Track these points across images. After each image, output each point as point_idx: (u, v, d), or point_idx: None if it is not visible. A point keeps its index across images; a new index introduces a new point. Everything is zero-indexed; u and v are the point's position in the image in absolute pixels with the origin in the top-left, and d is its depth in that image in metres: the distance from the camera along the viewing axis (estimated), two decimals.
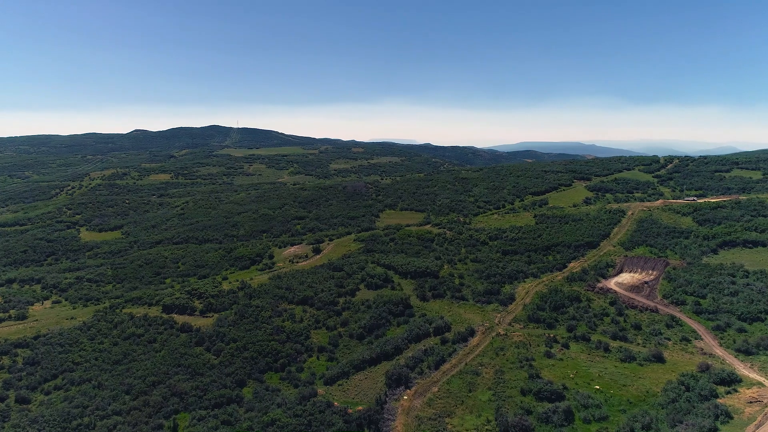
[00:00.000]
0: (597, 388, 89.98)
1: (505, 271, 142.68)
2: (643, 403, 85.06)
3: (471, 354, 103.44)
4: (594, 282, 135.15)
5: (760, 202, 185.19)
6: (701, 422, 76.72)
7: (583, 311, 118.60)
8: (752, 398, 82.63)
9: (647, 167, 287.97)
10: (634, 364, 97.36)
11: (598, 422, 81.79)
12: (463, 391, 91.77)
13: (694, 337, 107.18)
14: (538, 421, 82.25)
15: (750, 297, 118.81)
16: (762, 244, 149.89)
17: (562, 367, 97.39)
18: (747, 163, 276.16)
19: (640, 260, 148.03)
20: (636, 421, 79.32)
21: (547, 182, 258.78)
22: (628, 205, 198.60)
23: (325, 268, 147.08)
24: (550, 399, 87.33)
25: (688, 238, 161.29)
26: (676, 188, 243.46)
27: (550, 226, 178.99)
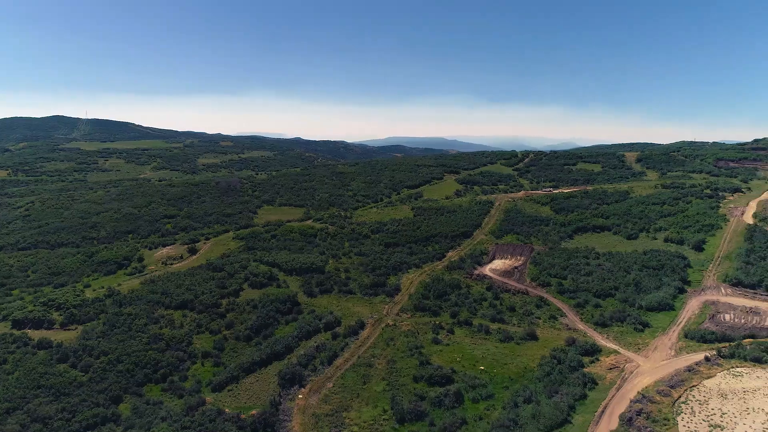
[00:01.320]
0: (482, 369, 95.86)
1: (389, 263, 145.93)
2: (523, 379, 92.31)
3: (363, 347, 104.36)
4: (471, 269, 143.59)
5: (603, 192, 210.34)
6: (573, 391, 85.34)
7: (464, 297, 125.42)
8: (612, 365, 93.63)
9: (508, 161, 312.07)
10: (512, 343, 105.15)
11: (485, 401, 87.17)
12: (358, 384, 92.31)
13: (559, 315, 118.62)
14: (431, 406, 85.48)
15: (602, 276, 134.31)
16: (608, 228, 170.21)
17: (450, 352, 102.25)
18: (589, 158, 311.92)
19: (510, 247, 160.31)
20: (519, 396, 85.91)
21: (420, 176, 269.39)
22: (495, 197, 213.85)
23: (203, 268, 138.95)
24: (440, 383, 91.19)
25: (548, 225, 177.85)
26: (534, 180, 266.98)
27: (427, 218, 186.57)
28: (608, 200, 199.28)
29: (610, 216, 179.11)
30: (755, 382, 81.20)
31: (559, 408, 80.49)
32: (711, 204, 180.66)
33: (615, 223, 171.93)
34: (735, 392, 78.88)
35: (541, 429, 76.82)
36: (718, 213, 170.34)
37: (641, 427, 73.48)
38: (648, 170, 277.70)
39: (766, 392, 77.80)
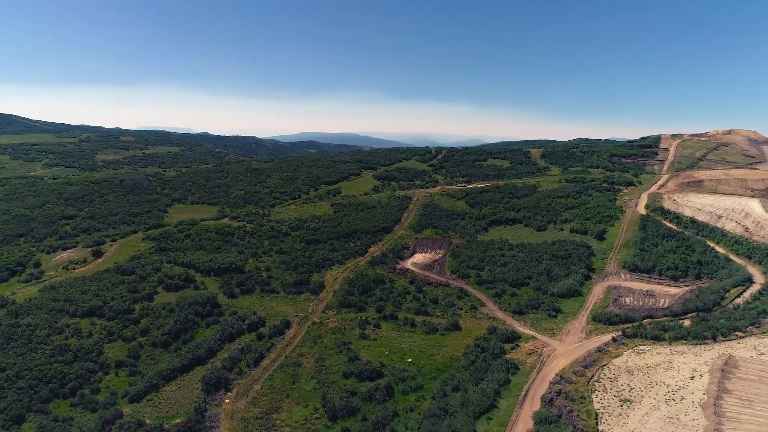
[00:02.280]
0: (410, 361, 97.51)
1: (311, 260, 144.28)
2: (449, 368, 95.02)
3: (290, 346, 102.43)
4: (394, 264, 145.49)
5: (513, 186, 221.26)
6: (498, 377, 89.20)
7: (388, 292, 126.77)
8: (531, 350, 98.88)
9: (422, 157, 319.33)
10: (437, 335, 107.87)
11: (415, 392, 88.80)
12: (287, 384, 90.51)
13: (480, 305, 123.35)
14: (363, 401, 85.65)
15: (516, 266, 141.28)
16: (519, 221, 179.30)
17: (378, 346, 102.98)
18: (498, 154, 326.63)
19: (429, 241, 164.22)
20: (447, 385, 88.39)
21: (338, 172, 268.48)
22: (413, 192, 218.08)
23: (112, 272, 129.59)
24: (371, 378, 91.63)
25: (464, 219, 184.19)
26: (448, 176, 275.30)
27: (347, 214, 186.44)
28: (518, 194, 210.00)
29: (521, 209, 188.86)
30: (656, 358, 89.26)
31: (485, 394, 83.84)
32: (609, 197, 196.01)
33: (525, 216, 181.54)
34: (640, 368, 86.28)
35: (470, 415, 79.53)
36: (615, 205, 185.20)
37: (561, 406, 78.30)
38: (551, 166, 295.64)
39: (665, 367, 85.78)
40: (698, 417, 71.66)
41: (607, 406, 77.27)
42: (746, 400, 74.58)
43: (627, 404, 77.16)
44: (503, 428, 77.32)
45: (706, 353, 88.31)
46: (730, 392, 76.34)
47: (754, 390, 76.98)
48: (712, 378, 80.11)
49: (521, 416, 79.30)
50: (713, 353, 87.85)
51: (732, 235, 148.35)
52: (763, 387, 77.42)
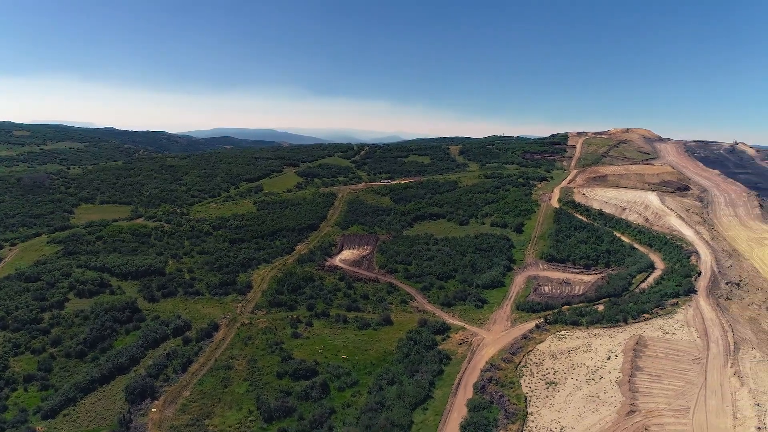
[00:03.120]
0: (344, 358, 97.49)
1: (236, 260, 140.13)
2: (384, 362, 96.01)
3: (219, 349, 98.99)
4: (322, 261, 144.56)
5: (436, 182, 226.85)
6: (431, 368, 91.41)
7: (318, 289, 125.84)
8: (461, 340, 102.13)
9: (345, 153, 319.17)
10: (369, 330, 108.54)
11: (351, 388, 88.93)
12: (218, 388, 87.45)
13: (409, 299, 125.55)
14: (298, 400, 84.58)
15: (442, 260, 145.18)
16: (442, 216, 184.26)
17: (311, 345, 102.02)
18: (419, 150, 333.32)
19: (356, 237, 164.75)
20: (382, 379, 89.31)
21: (259, 169, 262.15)
22: (338, 189, 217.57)
23: (13, 279, 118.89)
24: (305, 376, 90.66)
25: (389, 215, 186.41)
26: (371, 172, 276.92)
27: (272, 212, 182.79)
28: (440, 190, 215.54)
29: (444, 204, 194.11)
30: (576, 341, 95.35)
31: (420, 385, 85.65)
32: (525, 191, 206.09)
33: (448, 211, 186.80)
34: (562, 352, 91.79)
35: (406, 407, 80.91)
36: (531, 199, 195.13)
37: (493, 392, 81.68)
38: (470, 162, 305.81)
39: (585, 349, 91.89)
40: (615, 394, 77.54)
41: (535, 389, 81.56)
42: (656, 376, 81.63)
43: (552, 386, 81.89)
44: (439, 417, 79.43)
45: (620, 335, 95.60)
46: (641, 369, 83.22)
47: (661, 366, 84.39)
48: (626, 357, 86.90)
49: (455, 404, 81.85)
50: (625, 335, 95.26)
51: (635, 226, 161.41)
52: (669, 363, 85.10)
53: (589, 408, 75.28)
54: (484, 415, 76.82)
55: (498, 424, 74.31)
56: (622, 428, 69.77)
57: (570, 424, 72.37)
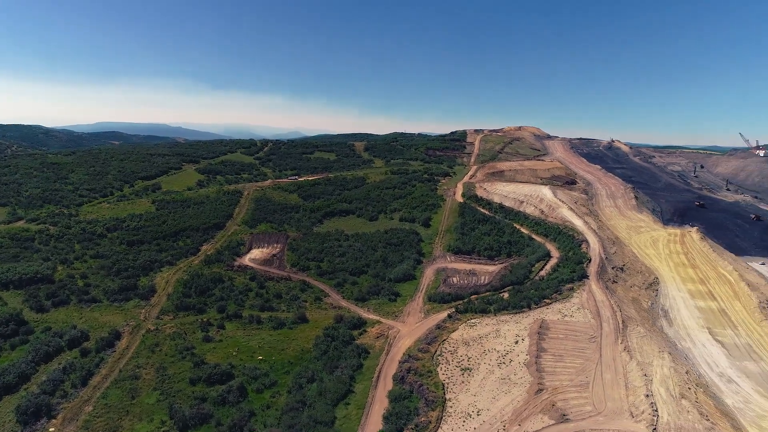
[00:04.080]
0: (261, 359, 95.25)
1: (136, 263, 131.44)
2: (302, 361, 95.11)
3: (123, 359, 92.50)
4: (231, 261, 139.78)
5: (344, 178, 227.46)
6: (351, 363, 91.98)
7: (228, 290, 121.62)
8: (378, 334, 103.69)
9: (248, 150, 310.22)
10: (285, 329, 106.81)
11: (269, 389, 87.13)
12: (125, 400, 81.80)
13: (323, 296, 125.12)
14: (215, 406, 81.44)
15: (354, 256, 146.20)
16: (352, 212, 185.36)
17: (224, 348, 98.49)
18: (324, 147, 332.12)
19: (265, 236, 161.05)
20: (302, 378, 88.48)
21: (156, 166, 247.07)
22: (243, 186, 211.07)
23: None
24: (221, 381, 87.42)
25: (298, 212, 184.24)
26: (276, 168, 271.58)
27: (173, 211, 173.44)
28: (349, 186, 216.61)
29: (353, 200, 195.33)
30: (485, 328, 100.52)
31: (341, 381, 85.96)
32: (431, 187, 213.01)
33: (358, 207, 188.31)
34: (474, 339, 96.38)
35: (328, 403, 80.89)
36: (437, 194, 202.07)
37: (412, 382, 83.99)
38: (375, 158, 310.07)
39: (495, 335, 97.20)
40: (524, 375, 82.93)
41: (451, 376, 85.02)
42: (558, 356, 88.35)
43: (467, 372, 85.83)
44: (361, 410, 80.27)
45: (525, 320, 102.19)
46: (546, 351, 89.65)
47: (562, 346, 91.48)
48: (531, 340, 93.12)
49: (377, 397, 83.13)
50: (530, 319, 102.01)
51: (532, 218, 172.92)
52: (569, 343, 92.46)
53: (502, 390, 79.87)
54: (405, 405, 78.80)
55: (419, 412, 76.60)
56: (532, 406, 74.84)
57: (485, 406, 76.36)
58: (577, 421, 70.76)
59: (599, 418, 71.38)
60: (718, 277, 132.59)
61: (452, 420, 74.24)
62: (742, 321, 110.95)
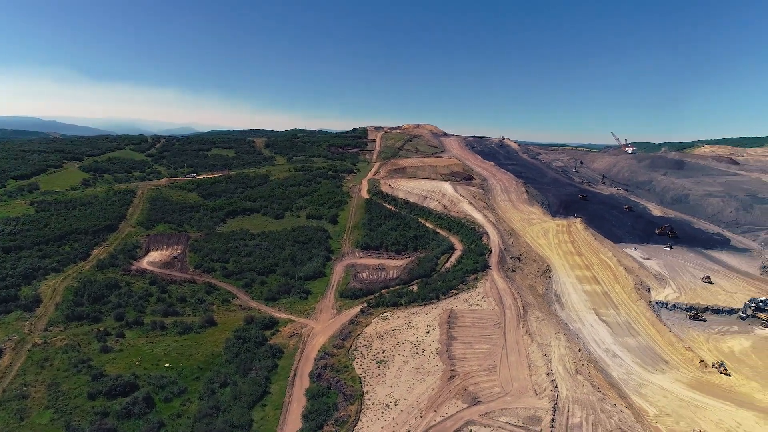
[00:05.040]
0: (167, 366, 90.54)
1: (16, 271, 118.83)
2: (213, 365, 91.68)
3: (6, 378, 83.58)
4: (127, 265, 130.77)
5: (246, 176, 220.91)
6: (265, 363, 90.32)
7: (126, 297, 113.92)
8: (291, 333, 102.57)
9: (138, 146, 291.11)
10: (192, 334, 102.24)
11: (179, 397, 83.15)
12: (11, 423, 74.06)
13: (231, 297, 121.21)
14: (119, 420, 76.34)
15: (262, 255, 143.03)
16: (257, 210, 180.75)
17: (125, 357, 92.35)
18: (222, 143, 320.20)
19: (164, 237, 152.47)
20: (213, 383, 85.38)
21: (32, 164, 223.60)
22: (136, 185, 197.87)
23: None
24: (124, 393, 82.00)
25: (199, 211, 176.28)
26: (171, 166, 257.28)
27: (56, 214, 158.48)
28: (252, 184, 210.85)
29: (257, 199, 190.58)
30: (398, 321, 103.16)
31: (256, 382, 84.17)
32: (336, 184, 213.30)
33: (262, 205, 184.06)
34: (387, 332, 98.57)
35: (244, 406, 78.92)
36: (342, 191, 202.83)
37: (329, 378, 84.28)
38: (276, 155, 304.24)
39: (407, 327, 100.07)
40: (437, 363, 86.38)
41: (368, 370, 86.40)
42: (467, 343, 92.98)
43: (383, 364, 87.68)
44: (279, 411, 79.22)
45: (434, 311, 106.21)
46: (455, 339, 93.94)
47: (470, 334, 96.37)
48: (442, 330, 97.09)
49: (294, 396, 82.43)
50: (439, 310, 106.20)
51: (436, 212, 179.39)
52: (476, 330, 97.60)
53: (417, 379, 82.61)
54: (323, 402, 78.95)
55: (338, 408, 77.14)
56: (446, 392, 78.28)
57: (402, 396, 78.62)
58: (487, 403, 75.12)
59: (507, 398, 76.33)
60: (601, 263, 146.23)
61: (371, 412, 75.59)
62: (621, 301, 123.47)
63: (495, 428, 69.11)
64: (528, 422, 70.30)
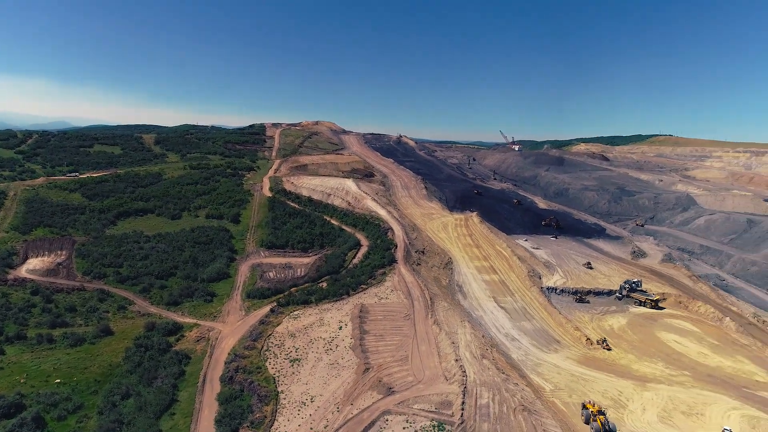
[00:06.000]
0: (59, 382, 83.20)
1: None
2: (112, 377, 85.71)
3: None
4: (2, 275, 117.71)
5: (136, 174, 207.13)
6: (171, 371, 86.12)
7: (4, 309, 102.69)
8: (197, 337, 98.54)
9: (6, 142, 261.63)
10: (86, 345, 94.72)
11: (74, 414, 76.90)
12: None
13: (128, 304, 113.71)
14: None
15: (159, 258, 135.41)
16: (150, 211, 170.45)
17: (7, 376, 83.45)
18: (106, 139, 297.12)
19: (45, 242, 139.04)
20: (114, 395, 79.91)
21: None
22: (7, 185, 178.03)
23: None
24: (8, 415, 74.23)
25: (84, 213, 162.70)
26: (47, 164, 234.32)
27: None
28: (143, 183, 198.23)
29: (150, 198, 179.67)
30: (310, 318, 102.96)
31: (163, 391, 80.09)
32: (236, 182, 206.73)
33: (157, 205, 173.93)
34: (299, 330, 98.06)
35: (151, 417, 74.85)
36: (243, 189, 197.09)
37: (241, 380, 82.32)
38: (168, 152, 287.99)
39: (319, 324, 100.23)
40: (351, 357, 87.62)
41: (281, 369, 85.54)
42: (379, 335, 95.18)
43: (297, 363, 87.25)
44: (189, 418, 76.03)
45: (345, 306, 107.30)
46: (368, 332, 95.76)
47: (382, 326, 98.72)
48: (354, 324, 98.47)
49: (205, 402, 79.52)
50: (350, 305, 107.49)
51: (341, 209, 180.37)
52: (388, 323, 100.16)
53: (332, 374, 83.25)
54: (237, 405, 77.02)
55: (253, 409, 75.68)
56: (362, 385, 79.75)
57: (318, 392, 78.90)
58: (402, 392, 77.66)
59: (420, 386, 79.40)
60: (497, 253, 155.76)
61: (287, 411, 75.08)
62: (517, 289, 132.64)
63: (410, 416, 71.70)
64: (440, 407, 73.73)
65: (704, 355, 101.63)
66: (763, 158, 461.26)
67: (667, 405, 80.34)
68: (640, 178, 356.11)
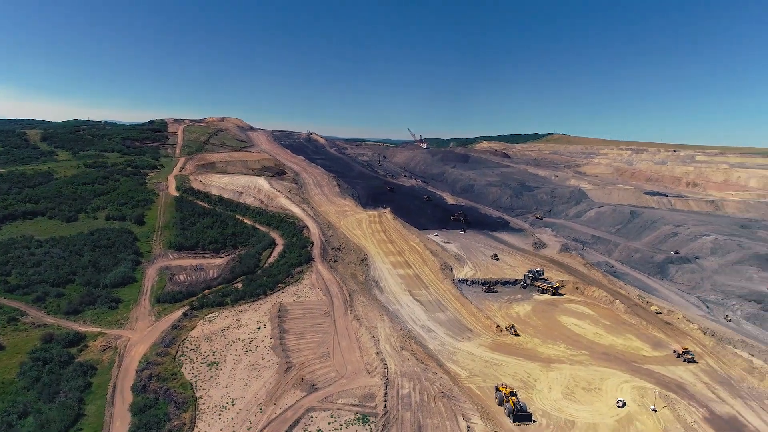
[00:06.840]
0: None
1: None
2: (5, 395, 78.46)
3: None
4: None
5: (22, 174, 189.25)
6: (75, 384, 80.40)
7: None
8: (103, 346, 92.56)
9: None
10: None
11: None
12: None
13: (20, 315, 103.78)
14: None
15: (54, 264, 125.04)
16: (41, 213, 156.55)
17: None
18: None
19: None
20: (9, 414, 73.32)
21: None
22: None
23: None
24: None
25: None
26: None
27: None
28: (31, 183, 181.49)
29: (40, 200, 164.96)
30: (226, 320, 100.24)
31: (67, 406, 74.62)
32: (138, 181, 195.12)
33: (49, 207, 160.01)
34: (215, 333, 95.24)
35: None
36: (147, 188, 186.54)
37: (156, 389, 78.70)
38: (58, 150, 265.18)
39: (236, 325, 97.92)
40: (272, 357, 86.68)
41: (199, 374, 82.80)
42: (299, 334, 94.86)
43: (215, 366, 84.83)
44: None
45: (263, 306, 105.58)
46: (288, 331, 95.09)
47: (302, 325, 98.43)
48: (273, 324, 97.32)
49: (116, 414, 75.13)
50: (268, 305, 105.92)
51: (253, 208, 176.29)
52: (308, 321, 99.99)
53: (252, 376, 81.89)
54: (153, 414, 73.57)
55: (170, 417, 72.69)
56: (284, 384, 79.24)
57: (239, 394, 77.36)
58: (325, 388, 78.17)
59: (343, 381, 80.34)
60: (410, 248, 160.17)
61: (207, 416, 72.99)
62: (431, 282, 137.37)
63: (334, 410, 72.46)
64: (364, 400, 75.16)
65: (599, 335, 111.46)
66: (641, 155, 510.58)
67: (570, 383, 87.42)
68: (538, 174, 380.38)
